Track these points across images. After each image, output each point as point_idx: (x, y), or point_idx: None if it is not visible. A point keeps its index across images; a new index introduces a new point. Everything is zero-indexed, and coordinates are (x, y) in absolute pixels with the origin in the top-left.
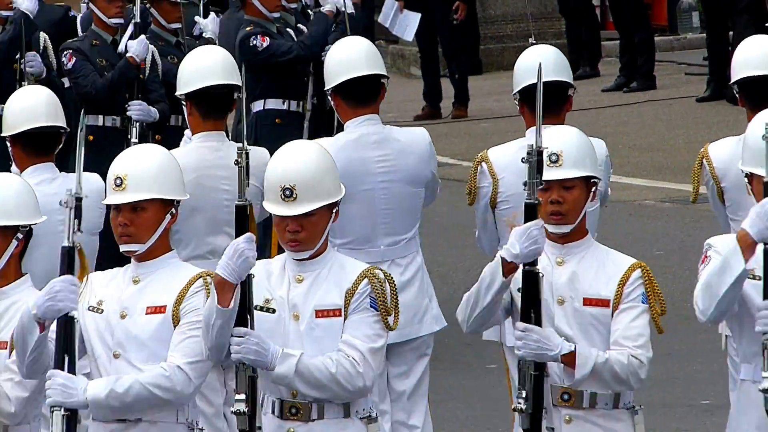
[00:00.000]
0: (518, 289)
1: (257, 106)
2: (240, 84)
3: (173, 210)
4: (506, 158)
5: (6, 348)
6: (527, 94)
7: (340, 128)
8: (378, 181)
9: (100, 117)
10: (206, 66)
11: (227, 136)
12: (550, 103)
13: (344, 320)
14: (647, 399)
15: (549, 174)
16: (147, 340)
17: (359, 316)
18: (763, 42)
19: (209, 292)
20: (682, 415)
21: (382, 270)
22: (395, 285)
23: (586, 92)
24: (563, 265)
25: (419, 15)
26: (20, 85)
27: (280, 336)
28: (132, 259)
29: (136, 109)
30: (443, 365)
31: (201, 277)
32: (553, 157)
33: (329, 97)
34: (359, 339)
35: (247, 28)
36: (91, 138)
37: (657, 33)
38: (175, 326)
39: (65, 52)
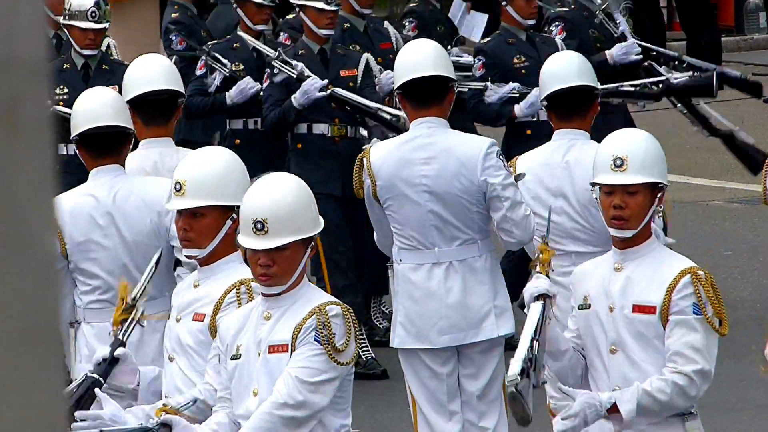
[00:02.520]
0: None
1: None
2: (182, 90)
3: (234, 215)
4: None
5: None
6: (554, 99)
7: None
8: (420, 183)
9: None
10: (146, 73)
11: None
12: (576, 107)
13: (290, 355)
14: (718, 400)
15: (612, 178)
16: (188, 346)
17: (301, 349)
18: None
19: (240, 304)
20: (752, 416)
21: (340, 305)
22: (352, 321)
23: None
24: (620, 271)
25: (486, 16)
26: None
27: (246, 376)
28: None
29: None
30: None
31: (236, 287)
32: (618, 162)
33: (396, 98)
34: (294, 371)
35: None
36: (237, 142)
37: (723, 33)
38: (213, 336)
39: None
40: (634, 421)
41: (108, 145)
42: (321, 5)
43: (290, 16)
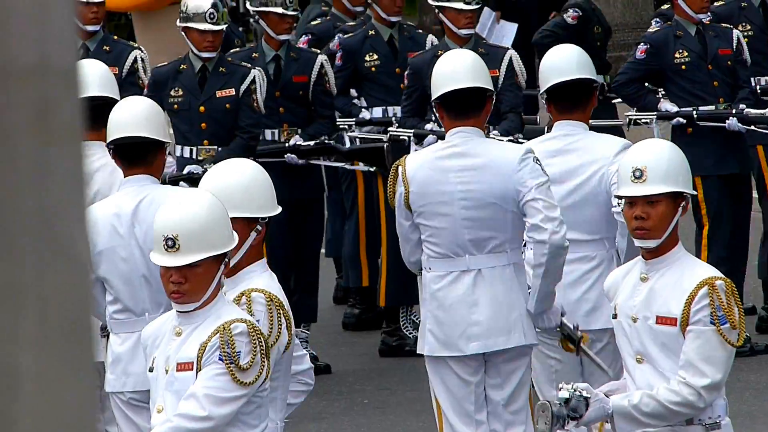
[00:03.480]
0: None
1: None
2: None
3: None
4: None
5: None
6: (554, 92)
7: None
8: (455, 191)
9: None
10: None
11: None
12: (576, 100)
13: (196, 375)
14: (756, 409)
15: (632, 190)
16: None
17: (206, 368)
18: None
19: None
20: None
21: (246, 322)
22: (257, 337)
23: None
24: (646, 282)
25: (516, 25)
26: None
27: (154, 391)
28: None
29: None
30: None
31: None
32: (637, 173)
33: (434, 108)
34: (198, 390)
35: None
36: None
37: None
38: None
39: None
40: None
41: (138, 155)
42: (280, 10)
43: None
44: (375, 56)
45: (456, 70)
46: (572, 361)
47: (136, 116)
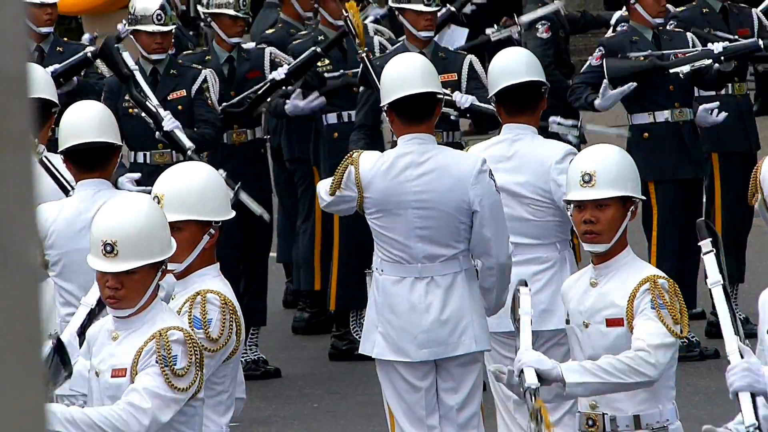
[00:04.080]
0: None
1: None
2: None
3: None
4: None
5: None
6: (503, 95)
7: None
8: (412, 200)
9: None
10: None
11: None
12: (526, 102)
13: (130, 381)
14: (704, 414)
15: (581, 194)
16: None
17: (142, 373)
18: None
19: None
20: None
21: (183, 331)
22: (194, 347)
23: None
24: (595, 287)
25: (466, 30)
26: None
27: (89, 392)
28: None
29: None
30: None
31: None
32: (586, 177)
33: (384, 113)
34: (138, 385)
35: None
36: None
37: None
38: None
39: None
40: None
41: (95, 160)
42: (232, 12)
43: (270, 31)
44: (326, 61)
45: (407, 74)
46: None
47: (91, 121)
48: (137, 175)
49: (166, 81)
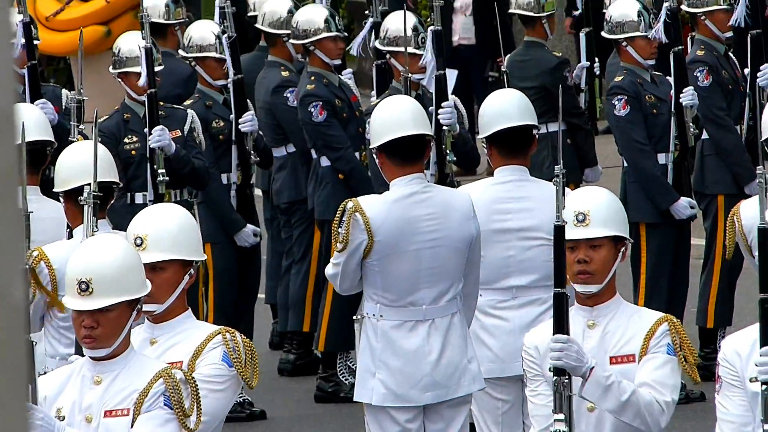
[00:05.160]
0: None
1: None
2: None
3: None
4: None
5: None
6: (496, 137)
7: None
8: (426, 239)
9: None
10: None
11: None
12: (518, 145)
13: (132, 421)
14: None
15: (575, 233)
16: None
17: (150, 413)
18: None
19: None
20: None
21: (181, 371)
22: (196, 386)
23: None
24: (594, 328)
25: (456, 72)
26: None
27: None
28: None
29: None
30: None
31: (220, 332)
32: (580, 216)
33: (374, 155)
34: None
35: (309, 86)
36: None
37: None
38: None
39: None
40: (594, 392)
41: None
42: (216, 55)
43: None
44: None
45: (399, 116)
46: (518, 401)
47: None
48: None
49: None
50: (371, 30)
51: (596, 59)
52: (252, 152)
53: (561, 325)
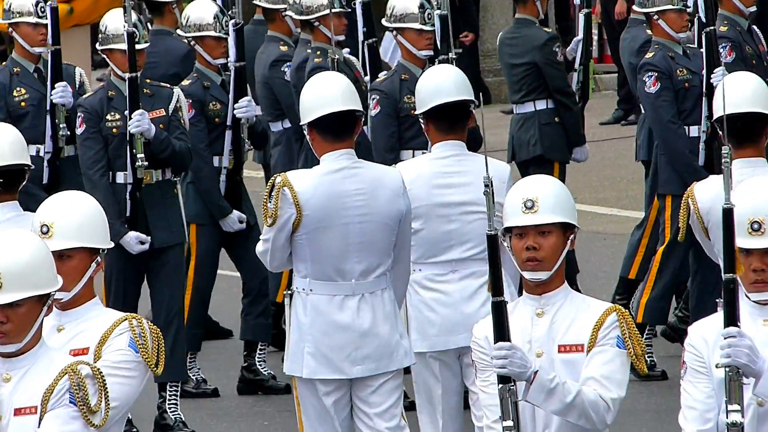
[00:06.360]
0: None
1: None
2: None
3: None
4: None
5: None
6: (433, 113)
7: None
8: (354, 214)
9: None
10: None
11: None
12: (455, 121)
13: (40, 418)
14: None
15: (524, 219)
16: None
17: (56, 411)
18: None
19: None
20: None
21: (89, 364)
22: (102, 379)
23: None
24: (542, 316)
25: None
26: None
27: None
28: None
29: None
30: None
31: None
32: (529, 203)
33: (305, 131)
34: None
35: (317, 59)
36: None
37: None
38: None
39: None
40: (538, 396)
41: (9, 183)
42: (215, 33)
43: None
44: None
45: (328, 93)
46: (454, 384)
47: (12, 144)
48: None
49: (142, 100)
50: (364, 12)
51: (593, 40)
52: (246, 140)
53: (502, 333)
